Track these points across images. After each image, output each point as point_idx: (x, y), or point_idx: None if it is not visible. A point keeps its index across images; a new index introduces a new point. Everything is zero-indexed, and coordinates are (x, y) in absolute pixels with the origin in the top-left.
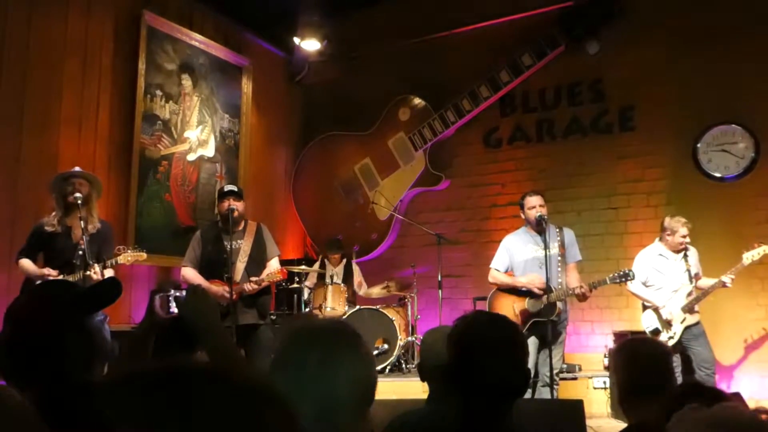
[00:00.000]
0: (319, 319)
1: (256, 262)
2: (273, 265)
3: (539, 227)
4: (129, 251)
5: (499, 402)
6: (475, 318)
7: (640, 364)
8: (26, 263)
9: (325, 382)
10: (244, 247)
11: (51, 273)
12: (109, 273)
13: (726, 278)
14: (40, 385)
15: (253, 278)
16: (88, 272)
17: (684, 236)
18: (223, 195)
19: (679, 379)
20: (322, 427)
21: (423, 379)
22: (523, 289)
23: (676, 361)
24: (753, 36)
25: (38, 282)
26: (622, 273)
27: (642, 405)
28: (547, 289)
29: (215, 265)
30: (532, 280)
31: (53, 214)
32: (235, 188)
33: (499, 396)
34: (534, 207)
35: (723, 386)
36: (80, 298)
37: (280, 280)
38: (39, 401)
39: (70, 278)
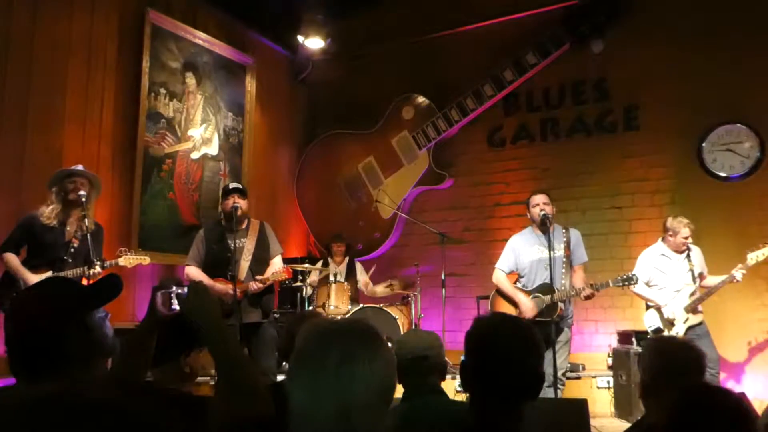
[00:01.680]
0: (340, 318)
1: (260, 260)
2: (276, 264)
3: (543, 226)
4: (131, 254)
5: (512, 402)
6: (492, 319)
7: (664, 363)
8: (12, 259)
9: (344, 382)
10: (247, 245)
11: (32, 280)
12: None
13: (737, 273)
14: (42, 381)
15: (258, 277)
16: (91, 270)
17: (686, 237)
18: (228, 192)
19: None
20: (340, 427)
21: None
22: (527, 289)
23: None
24: (759, 35)
25: (40, 280)
26: (625, 276)
27: (659, 405)
28: (549, 290)
29: (219, 263)
30: (527, 308)
31: (51, 207)
32: (239, 186)
33: (512, 397)
34: (538, 205)
35: (729, 386)
36: (81, 294)
37: (285, 279)
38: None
39: (60, 275)
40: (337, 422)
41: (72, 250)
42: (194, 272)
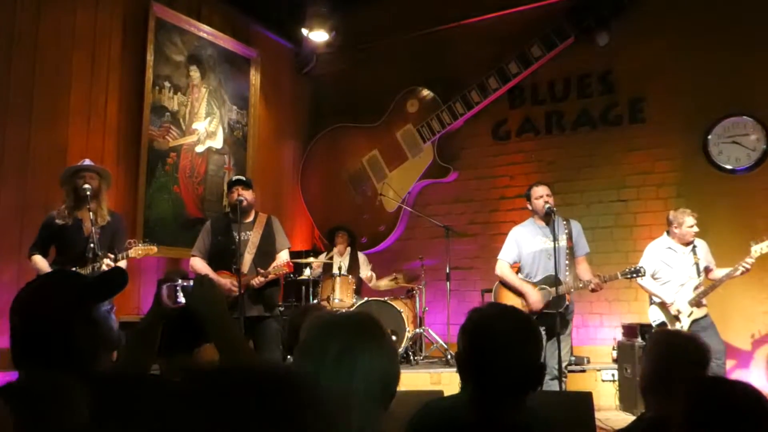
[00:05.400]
0: (345, 311)
1: (265, 253)
2: (282, 258)
3: (547, 218)
4: (140, 245)
5: (512, 395)
6: (488, 310)
7: (668, 355)
8: (39, 261)
9: (343, 374)
10: (252, 238)
11: None
12: (121, 265)
13: (744, 264)
14: (48, 373)
15: (260, 270)
16: (98, 264)
17: (691, 225)
18: (232, 185)
19: None
20: (340, 418)
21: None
22: (531, 280)
23: None
24: (765, 27)
25: (44, 274)
26: (633, 269)
27: (663, 398)
28: (556, 282)
29: (224, 255)
30: (534, 300)
31: (63, 206)
32: (243, 178)
33: (512, 389)
34: (541, 196)
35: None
36: (86, 287)
37: (287, 273)
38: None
39: (82, 271)
40: (337, 414)
41: (92, 244)
42: (199, 264)
